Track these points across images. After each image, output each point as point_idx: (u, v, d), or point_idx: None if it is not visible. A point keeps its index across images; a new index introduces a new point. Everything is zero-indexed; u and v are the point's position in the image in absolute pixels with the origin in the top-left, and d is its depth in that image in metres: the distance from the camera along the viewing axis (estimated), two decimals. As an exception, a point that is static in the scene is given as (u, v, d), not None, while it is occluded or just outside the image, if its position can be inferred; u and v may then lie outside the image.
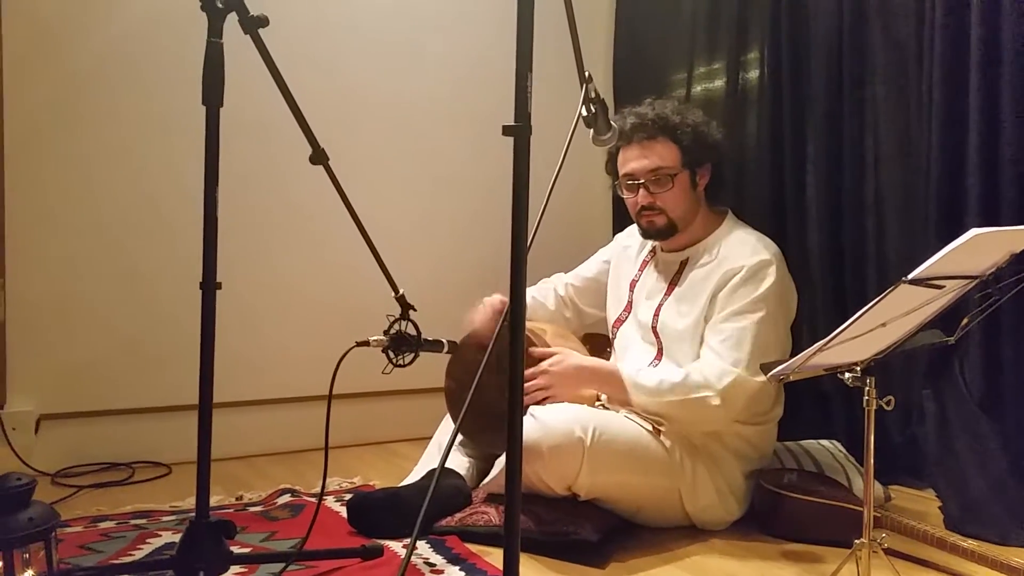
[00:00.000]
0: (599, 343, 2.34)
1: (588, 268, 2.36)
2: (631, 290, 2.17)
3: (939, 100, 2.07)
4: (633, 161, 2.04)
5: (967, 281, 1.27)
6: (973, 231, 1.16)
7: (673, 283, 2.06)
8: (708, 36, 2.81)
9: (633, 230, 2.24)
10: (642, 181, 2.03)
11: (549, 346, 2.04)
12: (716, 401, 1.83)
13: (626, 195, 2.08)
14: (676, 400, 1.85)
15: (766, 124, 2.57)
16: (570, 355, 1.99)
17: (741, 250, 1.98)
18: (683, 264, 2.07)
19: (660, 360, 2.02)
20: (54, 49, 2.35)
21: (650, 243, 2.17)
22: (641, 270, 2.18)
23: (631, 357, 2.08)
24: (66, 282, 2.38)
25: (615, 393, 1.94)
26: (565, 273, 2.39)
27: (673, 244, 2.09)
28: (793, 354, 1.47)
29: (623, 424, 1.90)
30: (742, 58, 2.68)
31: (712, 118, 2.14)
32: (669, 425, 1.91)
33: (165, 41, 2.44)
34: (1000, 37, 1.96)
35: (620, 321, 2.18)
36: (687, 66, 2.88)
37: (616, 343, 2.19)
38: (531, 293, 2.28)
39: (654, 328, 2.04)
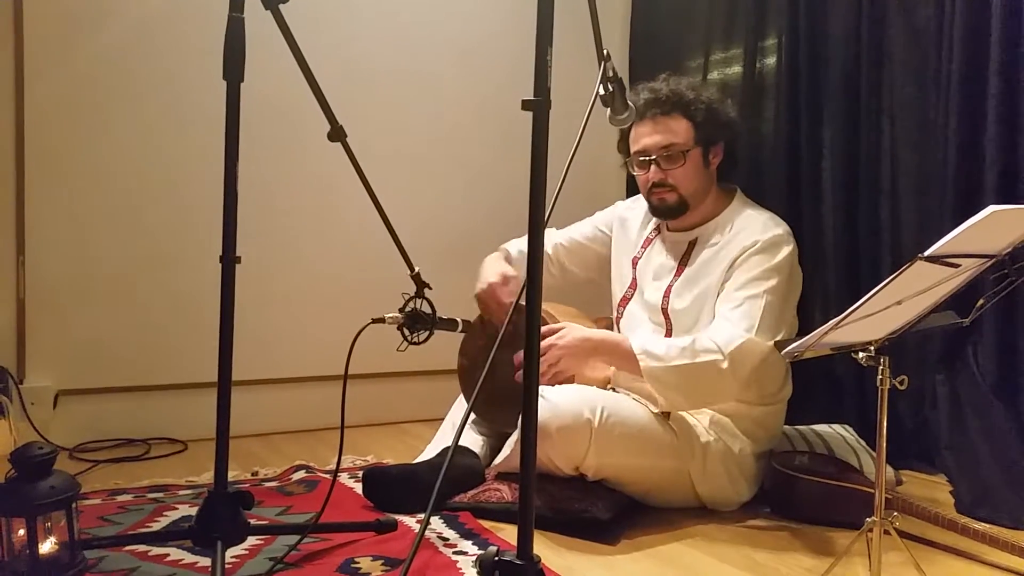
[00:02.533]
0: (609, 327, 2.33)
1: (581, 232, 2.31)
2: (634, 267, 2.16)
3: (957, 84, 2.06)
4: (645, 137, 2.02)
5: (983, 260, 1.27)
6: (991, 208, 1.16)
7: (683, 263, 2.05)
8: (726, 21, 2.79)
9: (633, 202, 2.23)
10: (653, 157, 2.01)
11: (558, 321, 2.04)
12: (724, 364, 1.79)
13: (637, 172, 2.07)
14: (684, 364, 1.81)
15: (784, 110, 2.55)
16: (575, 327, 1.97)
17: (753, 226, 1.97)
18: (692, 244, 2.05)
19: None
20: (74, 26, 2.37)
21: (654, 220, 2.15)
22: (644, 247, 2.16)
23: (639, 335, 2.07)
24: (85, 259, 2.40)
25: (624, 362, 1.90)
26: (557, 230, 2.35)
27: (682, 223, 2.07)
28: (801, 336, 1.47)
29: (632, 407, 1.90)
30: (760, 44, 2.66)
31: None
32: (680, 401, 1.88)
33: (184, 18, 2.45)
34: (1020, 20, 1.95)
35: (626, 299, 2.17)
36: (704, 52, 2.87)
37: (622, 322, 2.17)
38: (518, 246, 2.23)
39: (664, 309, 2.04)
